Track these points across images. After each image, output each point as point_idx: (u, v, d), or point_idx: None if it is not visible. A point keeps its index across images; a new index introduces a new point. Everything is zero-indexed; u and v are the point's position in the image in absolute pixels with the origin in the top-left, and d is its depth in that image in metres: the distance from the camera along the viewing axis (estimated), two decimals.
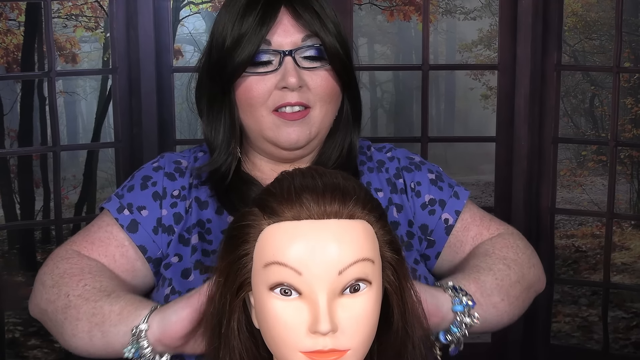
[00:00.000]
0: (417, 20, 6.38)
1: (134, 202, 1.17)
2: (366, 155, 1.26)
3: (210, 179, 1.18)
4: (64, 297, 1.06)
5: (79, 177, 6.31)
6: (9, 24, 5.48)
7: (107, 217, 1.18)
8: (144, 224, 1.16)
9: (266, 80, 1.12)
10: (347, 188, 0.85)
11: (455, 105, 13.33)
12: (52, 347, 4.07)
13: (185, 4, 6.85)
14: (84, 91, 10.93)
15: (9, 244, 5.76)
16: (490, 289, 1.10)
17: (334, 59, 1.13)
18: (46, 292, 1.09)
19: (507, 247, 1.19)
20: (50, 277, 1.10)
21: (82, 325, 1.03)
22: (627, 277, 5.29)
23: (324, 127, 1.16)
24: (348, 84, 1.17)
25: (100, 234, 1.17)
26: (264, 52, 1.12)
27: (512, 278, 1.14)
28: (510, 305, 1.13)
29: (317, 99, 1.13)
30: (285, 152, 1.15)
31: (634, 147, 6.61)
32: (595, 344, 4.10)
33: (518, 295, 1.14)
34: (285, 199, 0.84)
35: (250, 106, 1.13)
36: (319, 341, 0.81)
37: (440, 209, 1.22)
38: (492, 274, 1.12)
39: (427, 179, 1.24)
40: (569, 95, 8.37)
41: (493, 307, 1.10)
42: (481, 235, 1.23)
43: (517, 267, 1.16)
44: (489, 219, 1.26)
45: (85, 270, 1.09)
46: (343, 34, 1.16)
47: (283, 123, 1.12)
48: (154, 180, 1.19)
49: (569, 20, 7.90)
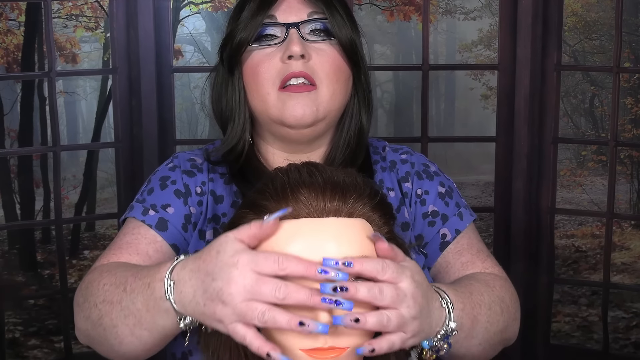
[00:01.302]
0: (417, 20, 6.39)
1: (157, 202, 1.13)
2: (380, 155, 1.24)
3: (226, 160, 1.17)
4: (94, 307, 0.98)
5: (79, 177, 6.32)
6: (9, 24, 5.48)
7: (132, 223, 1.12)
8: (172, 221, 1.12)
9: (272, 55, 1.12)
10: (347, 185, 0.85)
11: (455, 105, 13.35)
12: (52, 347, 4.07)
13: (185, 4, 6.86)
14: (84, 91, 10.94)
15: (9, 244, 5.77)
16: (477, 331, 1.01)
17: (340, 35, 1.13)
18: (81, 310, 1.02)
19: (505, 291, 1.10)
20: (81, 294, 1.03)
21: (122, 330, 0.95)
22: (627, 277, 5.29)
23: (333, 109, 1.14)
24: (356, 65, 1.16)
25: (128, 238, 1.10)
26: (268, 25, 1.12)
27: (499, 326, 1.05)
28: (482, 352, 1.05)
29: (323, 75, 1.12)
30: (293, 131, 1.13)
31: (634, 147, 6.62)
32: (595, 344, 4.10)
33: (493, 345, 1.06)
34: (281, 197, 0.84)
35: (257, 83, 1.13)
36: (318, 339, 0.82)
37: (440, 223, 1.18)
38: (487, 316, 1.03)
39: (437, 190, 1.20)
40: (569, 95, 8.37)
41: (466, 349, 1.01)
42: (473, 265, 1.16)
43: (507, 315, 1.07)
44: (486, 254, 1.19)
45: (104, 270, 1.02)
46: (351, 15, 1.16)
47: (288, 97, 1.10)
48: (173, 179, 1.16)
49: (569, 20, 7.90)
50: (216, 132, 1.25)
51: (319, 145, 1.19)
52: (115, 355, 1.00)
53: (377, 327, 0.82)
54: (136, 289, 0.93)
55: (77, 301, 1.03)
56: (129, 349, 0.97)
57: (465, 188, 8.36)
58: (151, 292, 0.90)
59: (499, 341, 1.07)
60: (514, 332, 1.12)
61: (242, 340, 0.82)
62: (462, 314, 0.97)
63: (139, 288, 0.92)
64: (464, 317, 0.97)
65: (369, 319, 0.81)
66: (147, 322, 0.92)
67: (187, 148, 1.30)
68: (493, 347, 1.07)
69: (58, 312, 4.23)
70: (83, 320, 1.01)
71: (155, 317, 0.91)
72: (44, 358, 3.91)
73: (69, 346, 2.45)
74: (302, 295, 0.79)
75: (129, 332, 0.94)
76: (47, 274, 5.45)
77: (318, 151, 1.19)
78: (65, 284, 2.40)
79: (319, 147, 1.19)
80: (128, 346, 0.96)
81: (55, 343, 4.10)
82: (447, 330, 0.92)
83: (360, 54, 1.17)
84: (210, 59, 8.93)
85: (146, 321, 0.92)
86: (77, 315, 1.03)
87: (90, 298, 0.99)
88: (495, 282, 1.10)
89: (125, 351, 0.97)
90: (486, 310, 1.03)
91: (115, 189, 2.42)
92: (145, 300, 0.91)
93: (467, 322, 0.98)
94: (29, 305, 4.61)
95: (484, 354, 1.06)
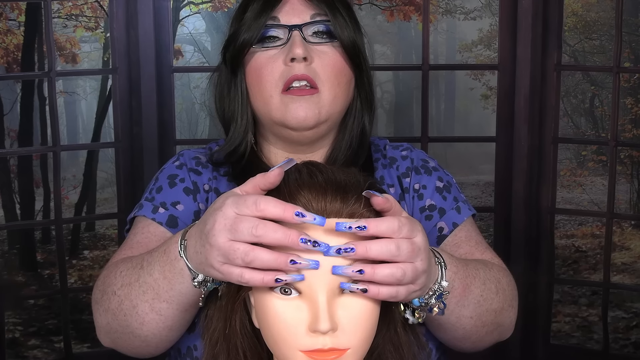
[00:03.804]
0: (417, 20, 6.38)
1: (167, 200, 1.14)
2: (381, 153, 1.25)
3: (228, 161, 1.18)
4: (112, 296, 0.99)
5: (79, 177, 6.31)
6: (9, 24, 5.48)
7: (142, 222, 1.13)
8: (182, 217, 1.13)
9: (275, 57, 1.12)
10: (348, 185, 0.85)
11: (455, 105, 13.33)
12: (52, 347, 4.07)
13: (185, 4, 6.85)
14: (84, 91, 10.93)
15: (9, 244, 5.76)
16: (469, 301, 1.01)
17: (343, 37, 1.13)
18: (100, 305, 1.02)
19: (502, 275, 1.10)
20: (98, 290, 1.04)
21: (142, 308, 0.96)
22: (627, 277, 5.29)
23: (335, 112, 1.15)
24: (359, 67, 1.16)
25: (138, 238, 1.11)
26: (271, 26, 1.13)
27: (492, 304, 1.04)
28: (474, 327, 1.04)
29: (325, 78, 1.12)
30: (295, 133, 1.14)
31: (634, 147, 6.61)
32: (595, 344, 4.10)
33: (486, 324, 1.05)
34: (281, 198, 0.83)
35: (260, 86, 1.13)
36: (318, 340, 0.81)
37: (438, 217, 1.18)
38: (480, 290, 1.02)
39: (434, 185, 1.20)
40: (569, 95, 8.36)
41: (456, 318, 1.01)
42: (472, 256, 1.14)
43: (502, 297, 1.07)
44: (485, 246, 1.18)
45: (119, 262, 1.03)
46: (354, 16, 1.16)
47: (290, 100, 1.11)
48: (181, 177, 1.17)
49: (569, 20, 7.89)
50: (216, 132, 1.25)
51: (321, 146, 1.20)
52: (139, 344, 1.00)
53: (391, 281, 0.81)
54: (153, 260, 0.95)
55: (95, 298, 1.04)
56: (151, 329, 0.97)
57: (465, 188, 8.35)
58: (167, 257, 0.92)
59: (492, 322, 1.06)
60: (510, 322, 1.11)
61: (239, 279, 0.81)
62: (454, 276, 0.97)
63: (156, 258, 0.95)
64: (456, 280, 0.97)
65: (379, 271, 0.80)
66: (164, 291, 0.94)
67: (187, 148, 1.30)
68: (486, 328, 1.06)
69: (58, 312, 4.23)
70: (103, 314, 1.02)
71: (171, 282, 0.92)
72: (44, 358, 3.91)
73: (69, 346, 2.45)
74: (280, 235, 0.79)
75: (149, 308, 0.95)
76: (47, 274, 5.45)
77: (320, 151, 1.20)
78: (65, 284, 2.40)
79: (321, 147, 1.20)
80: (149, 325, 0.97)
81: (55, 343, 4.10)
82: (439, 287, 0.92)
83: (362, 55, 1.17)
84: (210, 59, 8.92)
85: (164, 290, 0.94)
86: (96, 312, 1.04)
87: (108, 289, 1.00)
88: (493, 266, 1.10)
89: (147, 333, 0.98)
90: (480, 284, 1.02)
91: (115, 189, 2.42)
92: (161, 267, 0.93)
93: (458, 287, 0.98)
94: (29, 305, 4.61)
95: (475, 331, 1.05)
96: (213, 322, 0.91)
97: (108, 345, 1.06)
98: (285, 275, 0.80)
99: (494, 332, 1.09)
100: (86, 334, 3.95)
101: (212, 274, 0.85)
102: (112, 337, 1.04)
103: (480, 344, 1.09)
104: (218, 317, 0.90)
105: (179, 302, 0.95)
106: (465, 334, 1.05)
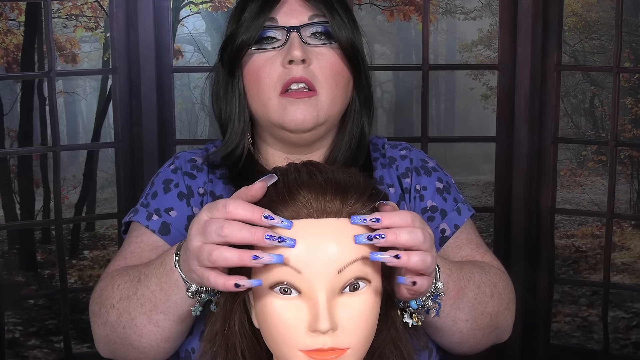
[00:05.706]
0: (417, 20, 6.38)
1: (161, 206, 1.15)
2: (380, 152, 1.25)
3: (225, 163, 1.17)
4: (111, 309, 1.01)
5: (79, 177, 6.32)
6: (9, 24, 5.48)
7: (137, 230, 1.15)
8: (175, 224, 1.13)
9: (273, 59, 1.11)
10: (348, 185, 0.84)
11: (455, 105, 13.33)
12: (52, 347, 4.07)
13: (185, 4, 6.86)
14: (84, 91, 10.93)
15: (9, 244, 5.77)
16: (464, 304, 1.02)
17: (341, 39, 1.12)
18: (98, 318, 1.04)
19: (499, 279, 1.10)
20: (95, 303, 1.05)
21: (140, 320, 0.98)
22: (627, 277, 5.29)
23: (333, 114, 1.14)
24: (357, 68, 1.15)
25: (132, 248, 1.13)
26: (269, 28, 1.12)
27: (487, 307, 1.05)
28: (470, 330, 1.04)
29: (323, 80, 1.11)
30: (293, 135, 1.13)
31: (634, 147, 6.61)
32: (595, 344, 4.11)
33: (482, 328, 1.06)
34: (280, 198, 0.83)
35: (258, 88, 1.12)
36: (318, 340, 0.81)
37: (440, 218, 1.18)
38: (475, 293, 1.03)
39: (434, 186, 1.20)
40: (569, 95, 8.37)
41: (452, 321, 1.02)
42: (472, 259, 1.15)
43: (498, 300, 1.07)
44: (485, 248, 1.19)
45: (115, 275, 1.05)
46: (353, 17, 1.16)
47: (289, 102, 1.10)
48: (176, 182, 1.17)
49: (569, 20, 7.90)
50: (216, 132, 1.25)
51: (319, 147, 1.19)
52: (137, 355, 1.02)
53: (421, 267, 0.83)
54: (150, 273, 0.97)
55: (93, 311, 1.06)
56: (149, 341, 0.99)
57: (465, 188, 8.36)
58: (163, 268, 0.94)
59: (488, 325, 1.07)
60: (507, 324, 1.12)
61: (208, 283, 0.83)
62: (448, 279, 0.99)
63: (153, 270, 0.96)
64: (450, 283, 0.99)
65: (412, 257, 0.82)
66: (161, 302, 0.95)
67: (187, 148, 1.30)
68: (482, 332, 1.06)
69: (58, 312, 4.23)
70: (102, 326, 1.03)
71: (167, 293, 0.94)
72: (44, 358, 3.91)
73: (69, 346, 2.45)
74: (245, 233, 0.80)
75: (146, 320, 0.97)
76: (47, 274, 5.45)
77: (318, 152, 1.19)
78: (65, 284, 2.40)
79: (320, 148, 1.19)
80: (147, 337, 0.99)
81: (55, 343, 4.10)
82: (434, 288, 0.93)
83: (361, 56, 1.16)
84: (210, 59, 8.92)
85: (161, 301, 0.95)
86: (94, 324, 1.06)
87: (107, 302, 1.02)
88: (490, 269, 1.11)
89: (145, 345, 1.00)
90: (474, 287, 1.04)
91: (115, 189, 2.42)
92: (158, 279, 0.95)
93: (452, 289, 1.00)
94: (29, 305, 4.61)
95: (472, 334, 1.06)
96: (212, 321, 0.91)
97: (107, 356, 1.08)
98: (244, 280, 0.81)
99: (490, 335, 1.09)
100: (86, 334, 3.95)
101: (194, 279, 0.88)
102: (111, 349, 1.05)
103: (478, 347, 1.10)
104: (217, 317, 0.90)
105: (175, 314, 0.96)
106: (462, 338, 1.06)
